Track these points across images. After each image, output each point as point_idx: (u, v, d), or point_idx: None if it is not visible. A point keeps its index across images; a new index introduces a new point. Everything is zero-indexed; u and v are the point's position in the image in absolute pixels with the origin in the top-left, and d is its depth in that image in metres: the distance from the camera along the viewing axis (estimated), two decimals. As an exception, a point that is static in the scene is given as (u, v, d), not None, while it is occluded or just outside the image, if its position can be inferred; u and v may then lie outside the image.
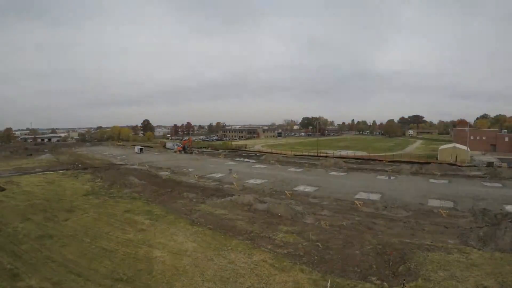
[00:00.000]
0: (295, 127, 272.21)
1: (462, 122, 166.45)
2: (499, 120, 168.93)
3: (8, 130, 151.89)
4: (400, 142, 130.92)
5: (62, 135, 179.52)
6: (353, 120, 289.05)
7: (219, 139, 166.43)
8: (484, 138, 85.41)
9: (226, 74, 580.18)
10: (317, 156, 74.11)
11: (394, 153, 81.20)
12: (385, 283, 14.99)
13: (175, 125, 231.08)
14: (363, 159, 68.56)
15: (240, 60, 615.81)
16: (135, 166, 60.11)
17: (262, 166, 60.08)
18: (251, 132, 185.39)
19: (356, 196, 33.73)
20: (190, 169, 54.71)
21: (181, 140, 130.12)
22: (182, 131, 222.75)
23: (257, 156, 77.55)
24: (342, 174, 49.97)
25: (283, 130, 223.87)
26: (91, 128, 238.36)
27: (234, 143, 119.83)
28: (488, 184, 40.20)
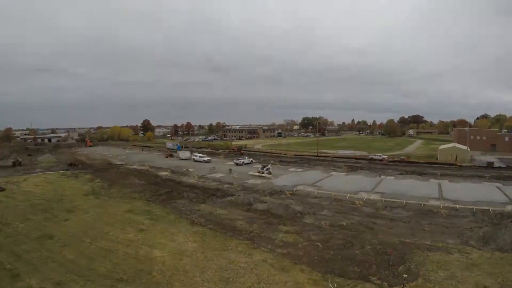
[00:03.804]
0: (295, 127, 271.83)
1: (462, 122, 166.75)
2: (499, 120, 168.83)
3: (8, 130, 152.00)
4: (400, 142, 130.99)
5: (62, 135, 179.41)
6: (353, 120, 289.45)
7: (217, 139, 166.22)
8: (484, 138, 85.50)
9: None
10: (317, 156, 74.10)
11: (394, 153, 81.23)
12: (385, 283, 15.00)
13: (175, 125, 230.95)
14: (364, 159, 68.58)
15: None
16: (135, 166, 60.07)
17: (262, 166, 59.93)
18: (251, 132, 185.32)
19: (356, 196, 33.73)
20: (190, 169, 54.69)
21: (182, 140, 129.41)
22: (182, 131, 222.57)
23: (257, 156, 77.49)
24: (342, 174, 49.97)
25: (283, 130, 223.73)
26: (91, 128, 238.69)
27: (234, 143, 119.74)
28: (488, 184, 40.21)
